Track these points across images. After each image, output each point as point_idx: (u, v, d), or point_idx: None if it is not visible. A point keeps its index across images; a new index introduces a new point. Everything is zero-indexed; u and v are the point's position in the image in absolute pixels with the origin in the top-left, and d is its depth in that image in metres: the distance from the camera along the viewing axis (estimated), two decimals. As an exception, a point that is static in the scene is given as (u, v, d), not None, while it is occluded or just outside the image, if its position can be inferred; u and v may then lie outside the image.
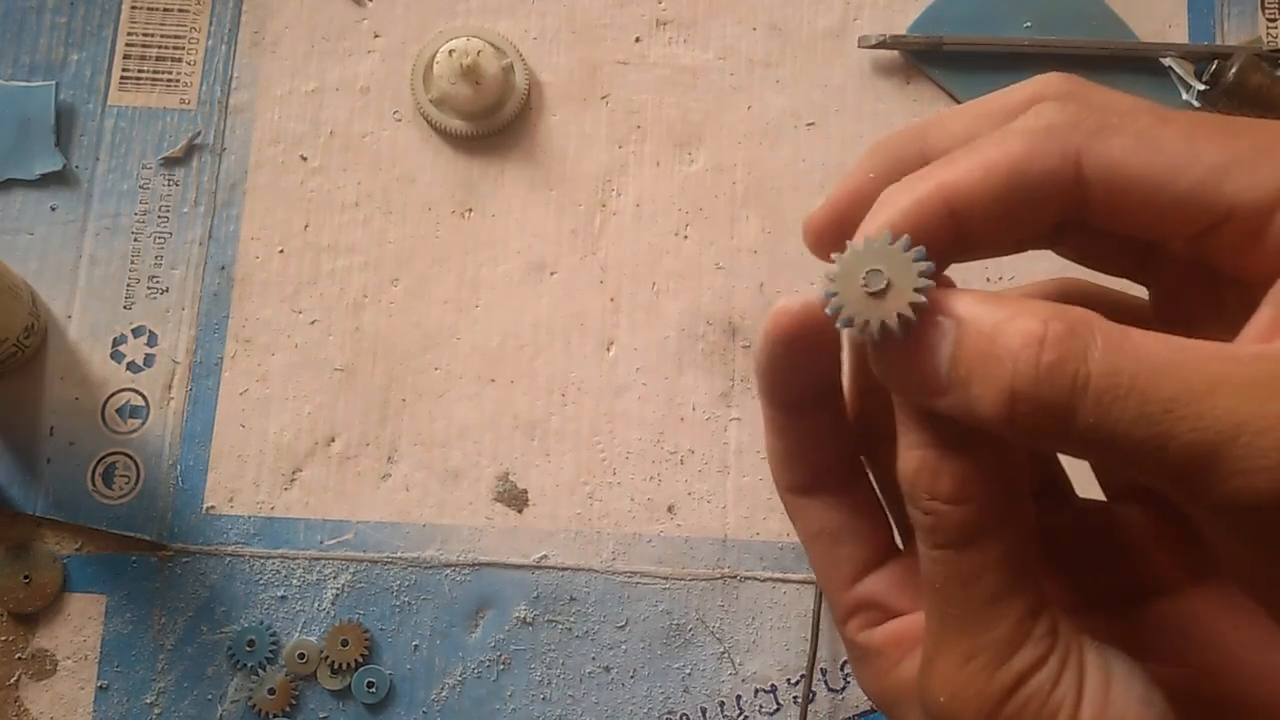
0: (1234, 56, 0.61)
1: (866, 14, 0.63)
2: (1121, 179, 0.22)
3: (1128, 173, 0.22)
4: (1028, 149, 0.22)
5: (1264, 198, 0.20)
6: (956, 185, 0.22)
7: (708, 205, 0.61)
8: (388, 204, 0.60)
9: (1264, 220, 0.21)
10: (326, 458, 0.57)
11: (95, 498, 0.56)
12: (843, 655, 0.56)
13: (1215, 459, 0.19)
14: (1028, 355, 0.20)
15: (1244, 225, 0.21)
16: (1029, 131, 0.23)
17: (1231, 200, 0.21)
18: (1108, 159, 0.22)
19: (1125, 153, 0.22)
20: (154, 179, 0.60)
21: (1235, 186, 0.21)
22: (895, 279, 0.22)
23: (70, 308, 0.58)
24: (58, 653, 0.55)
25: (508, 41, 0.61)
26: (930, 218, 0.23)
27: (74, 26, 0.61)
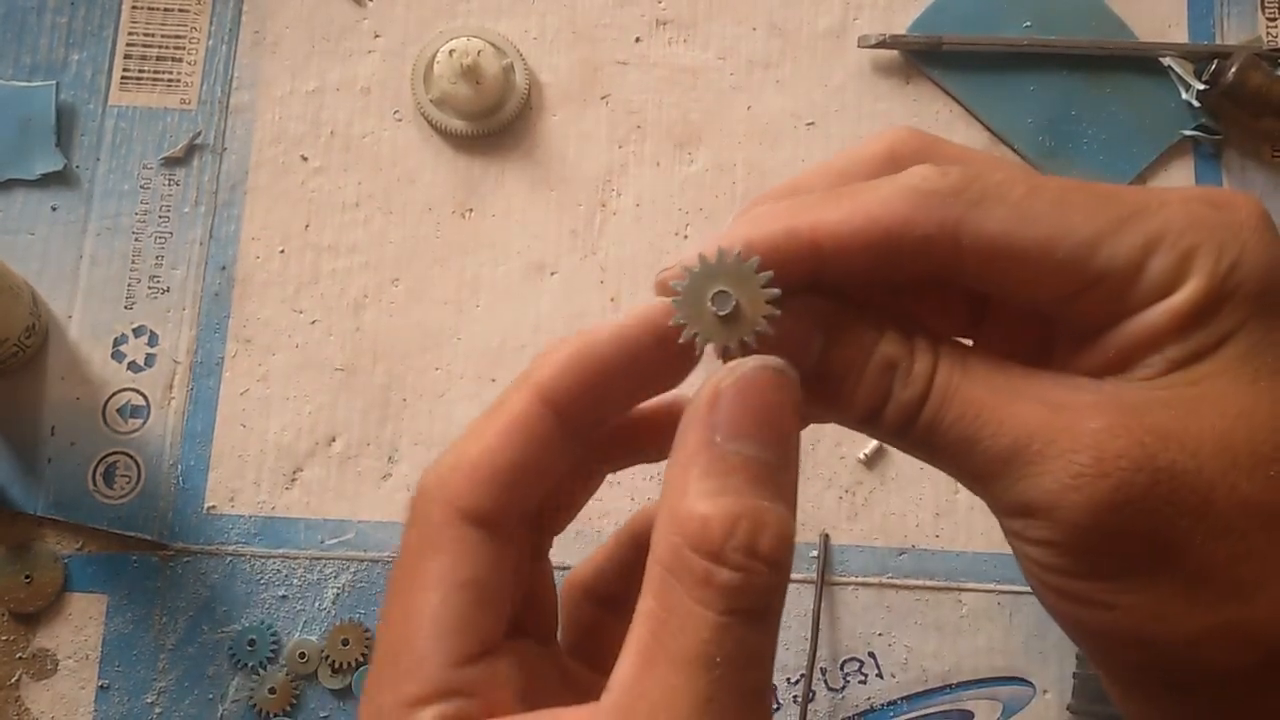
0: (1234, 56, 0.61)
1: (866, 14, 0.63)
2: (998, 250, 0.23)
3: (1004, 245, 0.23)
4: (910, 211, 0.23)
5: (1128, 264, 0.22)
6: (832, 228, 0.23)
7: (708, 205, 0.61)
8: (388, 204, 0.60)
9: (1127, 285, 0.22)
10: (327, 457, 0.57)
11: (96, 497, 0.56)
12: (843, 655, 0.56)
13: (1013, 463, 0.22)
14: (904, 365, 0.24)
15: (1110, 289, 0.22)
16: (912, 191, 0.23)
17: (1101, 269, 0.22)
18: (986, 231, 0.23)
19: (1003, 225, 0.23)
20: (155, 179, 0.60)
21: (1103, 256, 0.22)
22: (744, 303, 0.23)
23: (71, 308, 0.58)
24: (59, 652, 0.55)
25: (508, 41, 0.61)
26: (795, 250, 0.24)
27: (75, 27, 0.62)
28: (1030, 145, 0.61)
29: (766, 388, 0.22)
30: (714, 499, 0.21)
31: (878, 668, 0.56)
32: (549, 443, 0.24)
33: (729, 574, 0.21)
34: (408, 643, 0.23)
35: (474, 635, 0.23)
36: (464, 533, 0.24)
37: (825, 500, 0.57)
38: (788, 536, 0.21)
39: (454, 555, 0.23)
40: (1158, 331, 0.22)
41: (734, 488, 0.21)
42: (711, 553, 0.21)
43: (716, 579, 0.21)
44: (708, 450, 0.22)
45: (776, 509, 0.22)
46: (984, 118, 0.62)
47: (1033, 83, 0.62)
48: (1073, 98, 0.62)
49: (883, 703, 0.56)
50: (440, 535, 0.24)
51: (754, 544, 0.21)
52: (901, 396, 0.23)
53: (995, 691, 0.56)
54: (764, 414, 0.22)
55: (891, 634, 0.56)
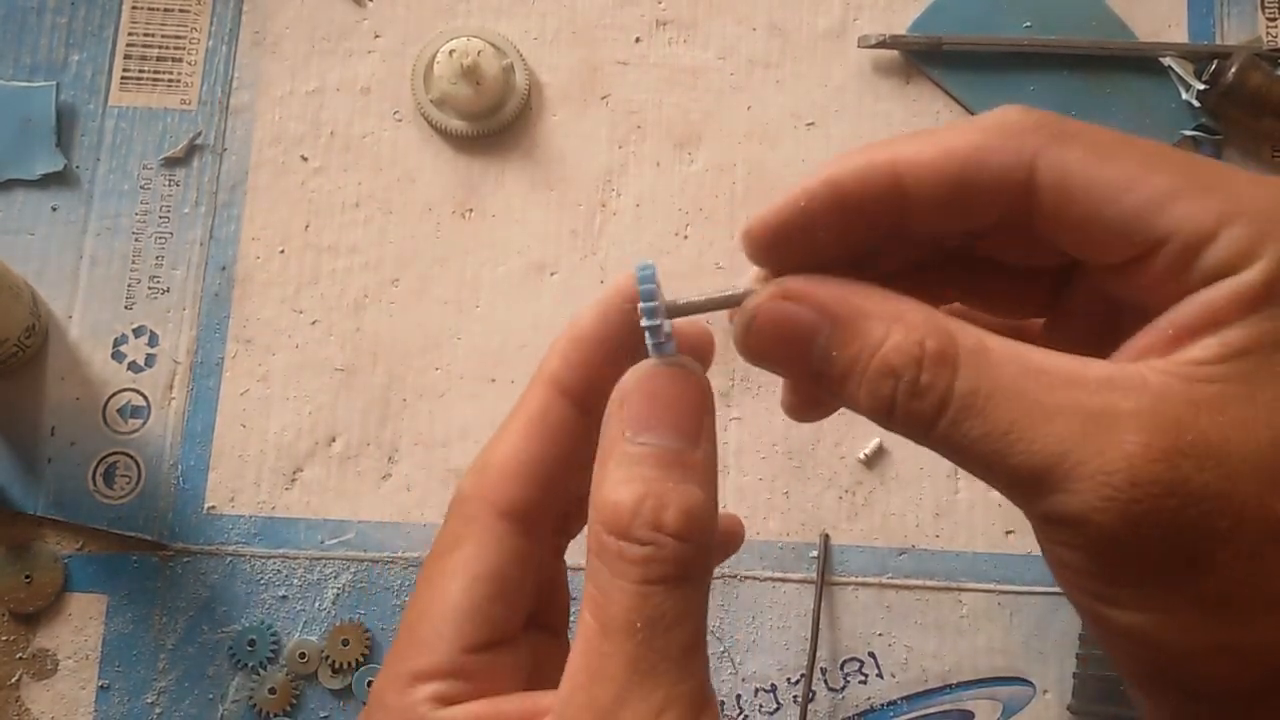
0: (1233, 56, 0.61)
1: (866, 14, 0.63)
2: (1071, 187, 0.22)
3: (1078, 182, 0.22)
4: (986, 141, 0.23)
5: (1200, 229, 0.21)
6: (911, 160, 0.24)
7: (708, 205, 0.61)
8: (388, 204, 0.60)
9: (1194, 252, 0.21)
10: (327, 458, 0.57)
11: (96, 497, 0.56)
12: (843, 655, 0.56)
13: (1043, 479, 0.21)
14: (908, 374, 0.22)
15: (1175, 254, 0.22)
16: (990, 127, 0.23)
17: (1170, 227, 0.22)
18: (1061, 165, 0.22)
19: (1078, 163, 0.22)
20: (155, 179, 0.60)
21: (1176, 214, 0.22)
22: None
23: (71, 308, 0.58)
24: (59, 652, 0.55)
25: (508, 42, 0.61)
26: (877, 183, 0.24)
27: (75, 27, 0.62)
28: (1030, 145, 0.61)
29: (666, 383, 0.24)
30: (624, 485, 0.23)
31: (878, 668, 0.56)
32: (571, 430, 0.26)
33: (637, 548, 0.23)
34: (424, 623, 0.25)
35: (488, 624, 0.25)
36: (494, 525, 0.25)
37: (825, 500, 0.57)
38: (694, 509, 0.23)
39: (481, 546, 0.25)
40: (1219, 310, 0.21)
41: (640, 475, 0.23)
42: (621, 531, 0.23)
43: (627, 554, 0.23)
44: (619, 445, 0.24)
45: (681, 487, 0.23)
46: (984, 118, 0.62)
47: (1033, 83, 0.62)
48: (1073, 98, 0.62)
49: (883, 703, 0.56)
50: (471, 527, 0.26)
51: (658, 520, 0.23)
52: (910, 406, 0.23)
53: (995, 691, 0.56)
54: (665, 407, 0.24)
55: (891, 634, 0.56)
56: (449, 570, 0.25)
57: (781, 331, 0.24)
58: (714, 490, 0.24)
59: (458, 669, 0.25)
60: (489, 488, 0.26)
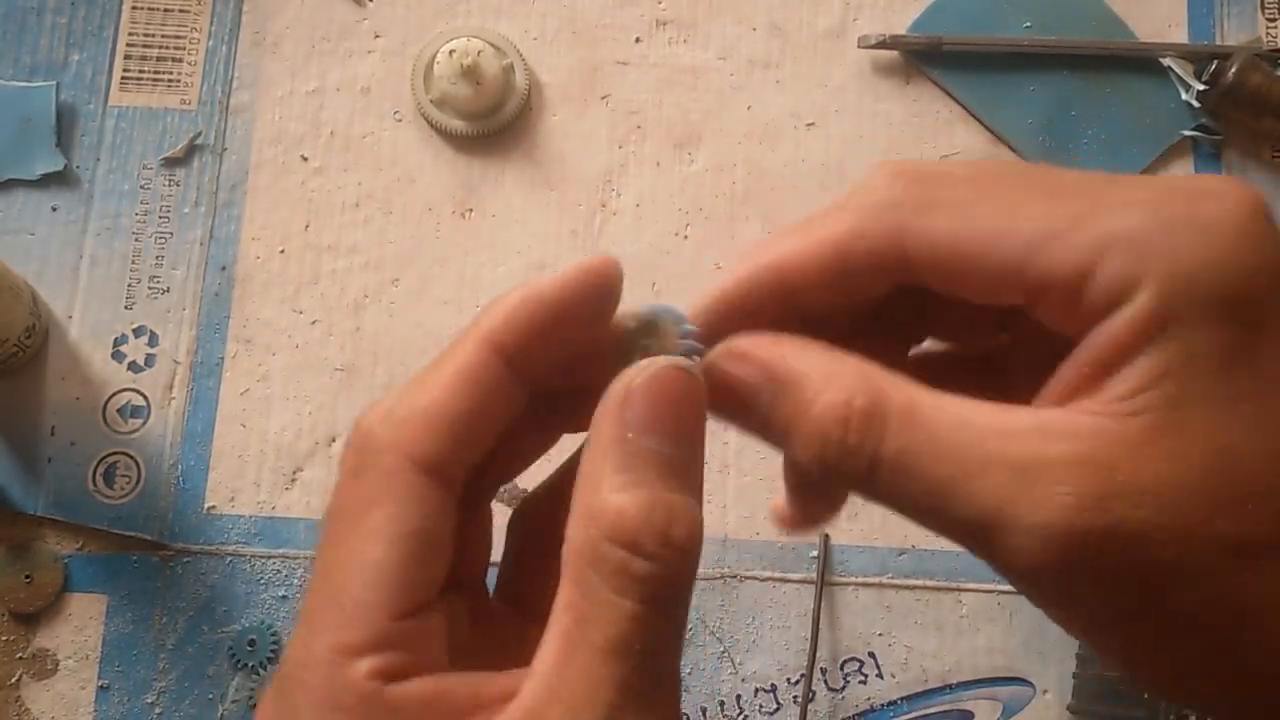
0: (1233, 56, 0.61)
1: (866, 14, 0.63)
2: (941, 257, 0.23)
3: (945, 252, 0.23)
4: (852, 227, 0.24)
5: (1074, 270, 0.21)
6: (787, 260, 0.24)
7: (708, 205, 0.61)
8: (388, 204, 0.60)
9: (1077, 291, 0.21)
10: (327, 458, 0.57)
11: (96, 497, 0.56)
12: (843, 655, 0.56)
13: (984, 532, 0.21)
14: (834, 434, 0.22)
15: (1061, 297, 0.22)
16: (856, 209, 0.24)
17: (1043, 273, 0.22)
18: (928, 238, 0.23)
19: (944, 232, 0.23)
20: (155, 179, 0.60)
21: (1050, 259, 0.22)
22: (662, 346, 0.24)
23: (71, 308, 0.58)
24: (59, 652, 0.55)
25: (508, 42, 0.61)
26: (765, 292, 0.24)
27: (75, 27, 0.61)
28: (1030, 145, 0.61)
29: (676, 386, 0.23)
30: (629, 491, 0.22)
31: (878, 668, 0.56)
32: (499, 391, 0.24)
33: (644, 564, 0.21)
34: (348, 590, 0.23)
35: (416, 587, 0.23)
36: (414, 481, 0.23)
37: (825, 500, 0.57)
38: (697, 527, 0.22)
39: (403, 504, 0.23)
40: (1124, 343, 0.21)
41: (646, 481, 0.22)
42: (628, 543, 0.22)
43: (633, 569, 0.21)
44: (621, 445, 0.22)
45: (686, 500, 0.22)
46: (984, 118, 0.62)
47: (1033, 83, 0.62)
48: (1073, 98, 0.62)
49: (883, 703, 0.56)
50: (390, 482, 0.23)
51: (668, 534, 0.22)
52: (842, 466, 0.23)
53: (995, 691, 0.56)
54: (673, 411, 0.23)
55: (891, 634, 0.56)
56: (368, 531, 0.23)
57: (729, 391, 0.24)
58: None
59: (392, 639, 0.22)
60: (411, 440, 0.23)
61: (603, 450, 0.23)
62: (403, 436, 0.23)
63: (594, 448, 0.23)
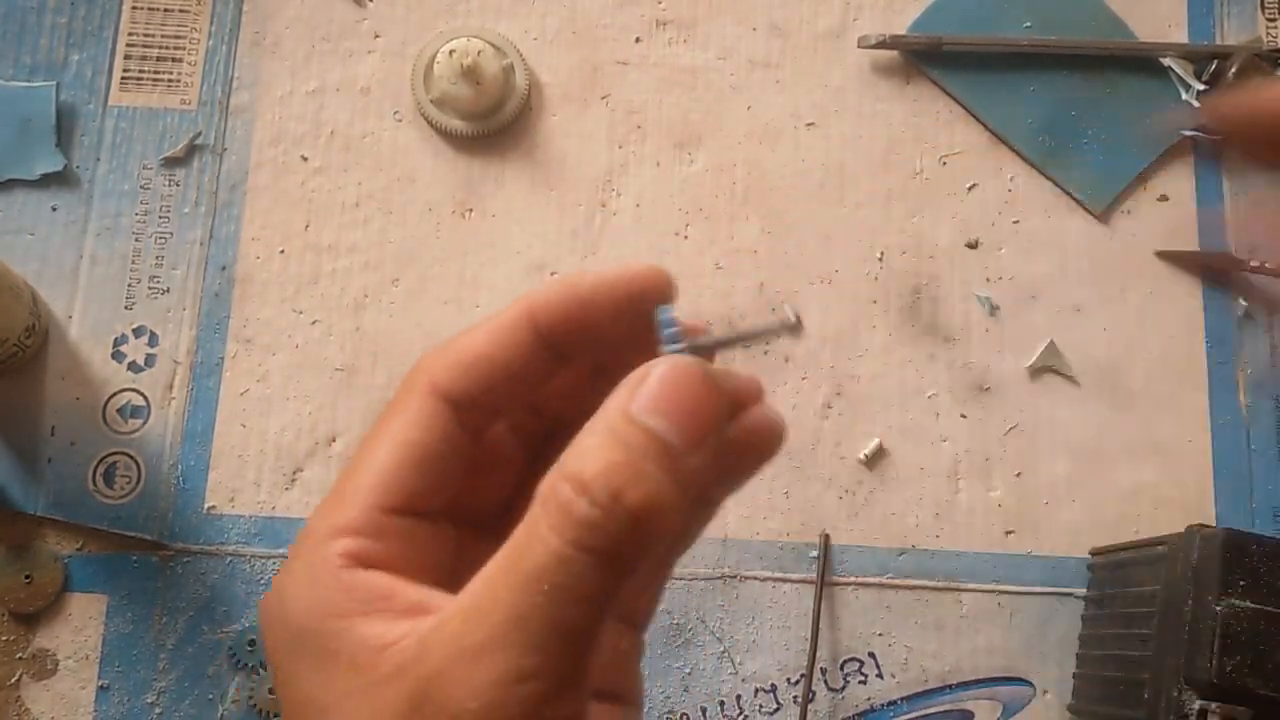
0: (1234, 56, 0.61)
1: (866, 14, 0.63)
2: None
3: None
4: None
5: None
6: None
7: (707, 205, 0.61)
8: (388, 204, 0.60)
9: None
10: (327, 458, 0.57)
11: (96, 497, 0.56)
12: (843, 655, 0.56)
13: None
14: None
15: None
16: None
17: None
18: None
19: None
20: (155, 179, 0.60)
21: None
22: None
23: (71, 308, 0.58)
24: (59, 652, 0.55)
25: (508, 42, 0.61)
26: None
27: (74, 27, 0.61)
28: (1030, 145, 0.61)
29: (690, 380, 0.24)
30: (603, 450, 0.23)
31: (878, 668, 0.56)
32: (527, 352, 0.27)
33: (586, 507, 0.22)
34: (351, 480, 0.26)
35: (406, 491, 0.25)
36: (427, 402, 0.26)
37: (825, 500, 0.57)
38: (662, 506, 0.22)
39: (414, 417, 0.26)
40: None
41: (624, 447, 0.23)
42: (578, 485, 0.22)
43: (573, 510, 0.22)
44: (620, 415, 0.23)
45: (660, 480, 0.23)
46: (984, 118, 0.62)
47: (1033, 83, 0.62)
48: (1073, 98, 0.62)
49: (883, 703, 0.56)
50: (410, 400, 0.26)
51: (621, 492, 0.22)
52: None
53: (995, 692, 0.56)
54: (679, 400, 0.24)
55: (891, 634, 0.56)
56: (380, 436, 0.26)
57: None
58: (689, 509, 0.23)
59: (372, 527, 0.25)
60: (438, 369, 0.26)
61: (603, 415, 0.24)
62: (434, 365, 0.27)
63: (598, 413, 0.24)
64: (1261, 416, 0.59)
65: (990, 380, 0.59)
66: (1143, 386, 0.59)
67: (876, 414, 0.58)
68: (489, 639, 0.22)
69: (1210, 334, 0.60)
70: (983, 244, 0.61)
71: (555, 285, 0.27)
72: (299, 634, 0.24)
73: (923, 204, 0.61)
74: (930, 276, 0.60)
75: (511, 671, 0.22)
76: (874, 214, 0.61)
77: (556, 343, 0.27)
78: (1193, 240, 0.61)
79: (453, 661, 0.22)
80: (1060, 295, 0.60)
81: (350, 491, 0.25)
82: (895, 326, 0.60)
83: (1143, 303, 0.60)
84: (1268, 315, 0.60)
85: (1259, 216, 0.60)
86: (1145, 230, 0.61)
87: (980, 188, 0.61)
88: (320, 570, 0.24)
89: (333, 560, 0.24)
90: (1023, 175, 0.61)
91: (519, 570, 0.22)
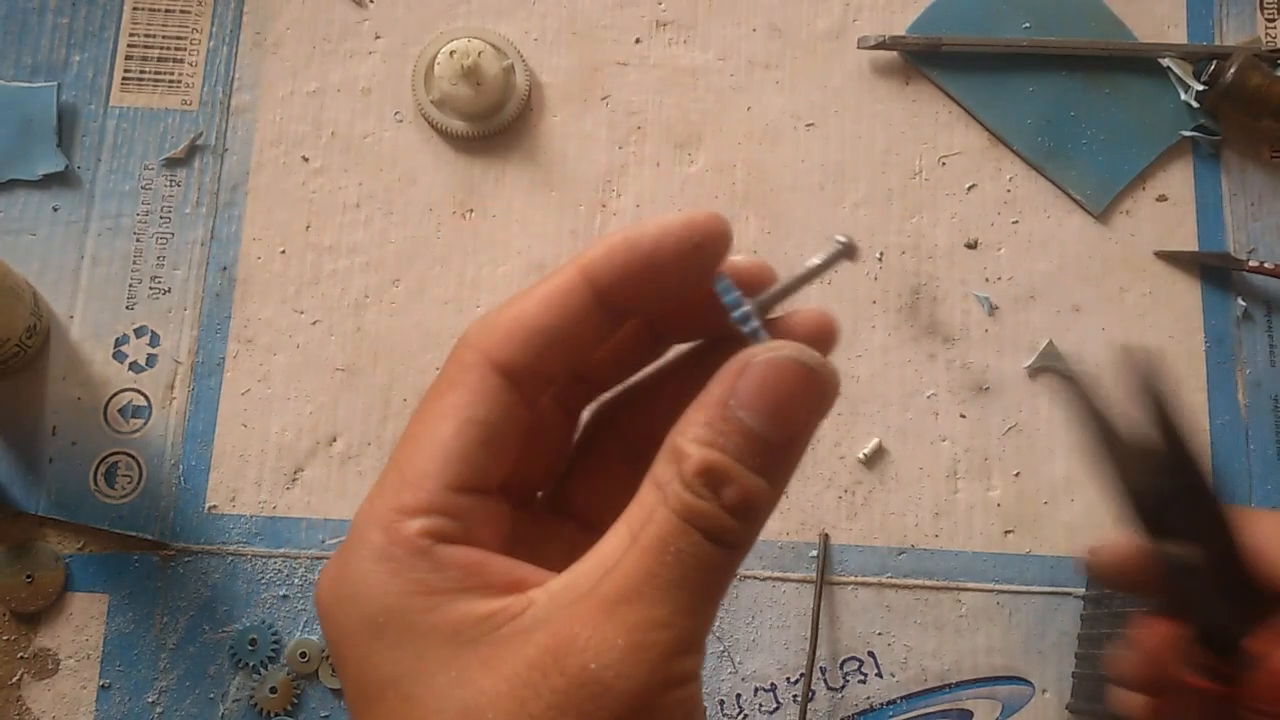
0: (1232, 57, 0.61)
1: (865, 15, 0.63)
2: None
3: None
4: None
5: None
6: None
7: (708, 205, 0.61)
8: (389, 205, 0.60)
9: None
10: (328, 457, 0.57)
11: (97, 497, 0.56)
12: (843, 655, 0.56)
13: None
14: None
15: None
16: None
17: None
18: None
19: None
20: (156, 179, 0.60)
21: None
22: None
23: (72, 308, 0.59)
24: (60, 652, 0.55)
25: (508, 43, 0.61)
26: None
27: (76, 27, 0.62)
28: (1029, 146, 0.62)
29: (790, 376, 0.24)
30: (703, 447, 0.24)
31: (877, 667, 0.56)
32: (585, 316, 0.26)
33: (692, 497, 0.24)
34: (413, 461, 0.25)
35: (474, 468, 0.25)
36: (487, 377, 0.26)
37: (824, 500, 0.58)
38: (757, 501, 0.24)
39: (473, 393, 0.26)
40: None
41: (722, 445, 0.24)
42: (685, 481, 0.24)
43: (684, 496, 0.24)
44: (719, 408, 0.24)
45: (752, 476, 0.24)
46: (983, 119, 0.62)
47: (1032, 83, 0.62)
48: (1072, 98, 0.62)
49: (882, 702, 0.56)
50: (466, 374, 0.26)
51: (719, 488, 0.24)
52: None
53: (994, 691, 0.56)
54: (778, 397, 0.24)
55: (891, 633, 0.56)
56: (441, 412, 0.26)
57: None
58: (781, 493, 0.25)
59: (446, 506, 0.25)
60: (492, 343, 0.26)
61: (703, 406, 0.24)
62: (485, 338, 0.26)
63: (699, 400, 0.25)
64: (1260, 416, 0.59)
65: (989, 380, 0.59)
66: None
67: (876, 414, 0.59)
68: (621, 594, 0.23)
69: (1209, 334, 0.60)
70: (982, 244, 0.61)
71: (614, 242, 0.26)
72: (376, 615, 0.24)
73: (922, 204, 0.61)
74: (930, 276, 0.60)
75: (645, 620, 0.23)
76: (873, 214, 0.61)
77: (615, 303, 0.26)
78: (1192, 240, 0.61)
79: (584, 620, 0.23)
80: (1059, 295, 0.60)
81: (415, 471, 0.25)
82: (895, 326, 0.60)
83: (1142, 302, 0.60)
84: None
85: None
86: (1144, 230, 0.61)
87: (979, 188, 0.61)
88: (400, 550, 0.24)
89: (413, 540, 0.24)
90: (1022, 175, 0.62)
91: (647, 534, 0.24)
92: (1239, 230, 0.61)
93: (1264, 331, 0.60)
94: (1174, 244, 0.61)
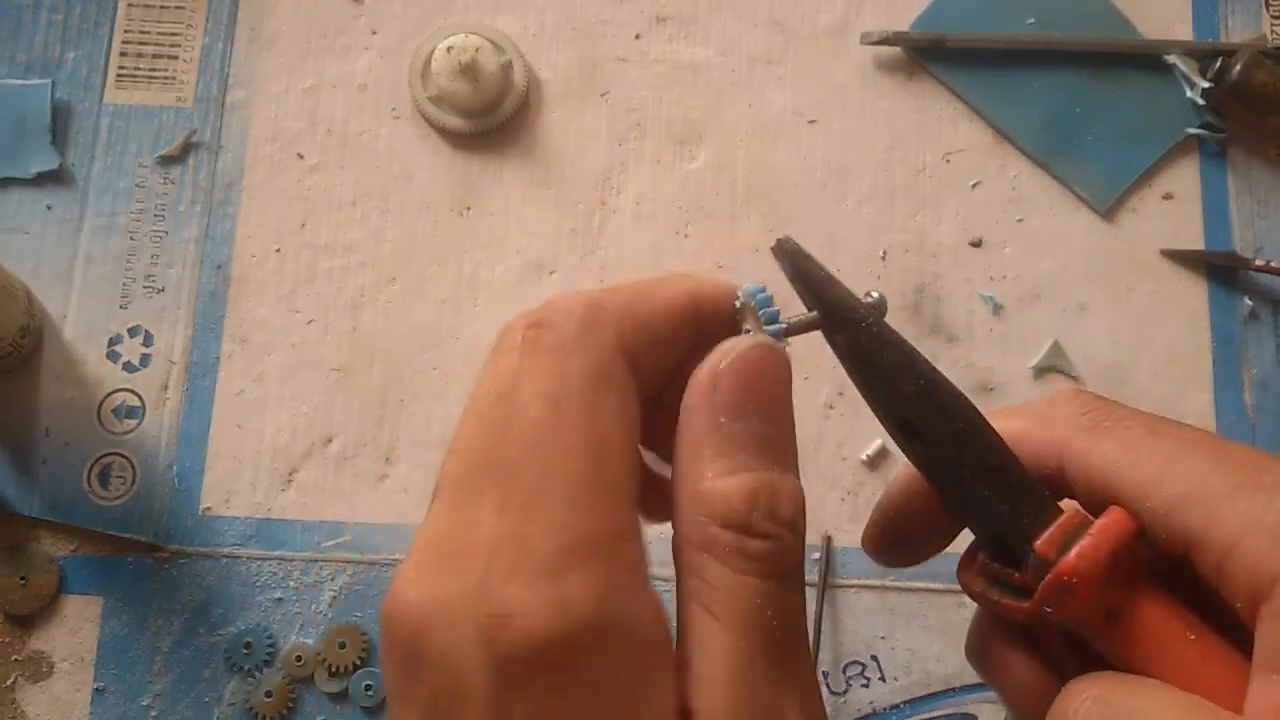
0: (1238, 54, 0.60)
1: (868, 10, 0.62)
2: (1093, 482, 0.24)
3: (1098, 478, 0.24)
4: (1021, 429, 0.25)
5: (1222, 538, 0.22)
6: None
7: (709, 203, 0.60)
8: (385, 202, 0.60)
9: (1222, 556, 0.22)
10: (324, 458, 0.57)
11: (91, 499, 0.56)
12: (846, 658, 0.56)
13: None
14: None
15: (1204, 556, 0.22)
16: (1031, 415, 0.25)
17: (1189, 533, 0.22)
18: (1085, 460, 0.24)
19: (1100, 459, 0.24)
20: (150, 177, 0.60)
21: (1194, 522, 0.22)
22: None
23: (66, 307, 0.58)
24: (54, 655, 0.55)
25: (506, 38, 0.61)
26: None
27: (70, 24, 0.61)
28: (1034, 143, 0.61)
29: (761, 366, 0.23)
30: (731, 477, 0.22)
31: (880, 671, 0.55)
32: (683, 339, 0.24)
33: (759, 543, 0.22)
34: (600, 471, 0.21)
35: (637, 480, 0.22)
36: (627, 372, 0.23)
37: (827, 502, 0.57)
38: (800, 501, 0.23)
39: (628, 393, 0.23)
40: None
41: (745, 464, 0.22)
42: (740, 525, 0.22)
43: (750, 549, 0.22)
44: (715, 432, 0.23)
45: (786, 478, 0.23)
46: (987, 115, 0.61)
47: (1036, 80, 0.62)
48: (1077, 95, 0.62)
49: (885, 706, 0.55)
50: (614, 368, 0.22)
51: (775, 511, 0.22)
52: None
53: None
54: (762, 391, 0.23)
55: (894, 637, 0.56)
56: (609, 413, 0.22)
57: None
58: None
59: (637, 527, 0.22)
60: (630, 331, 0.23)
61: (698, 439, 0.23)
62: (626, 324, 0.23)
63: (687, 435, 0.23)
64: (1267, 416, 0.59)
65: (994, 380, 0.59)
66: (1148, 386, 0.59)
67: (879, 414, 0.58)
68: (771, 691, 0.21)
69: (1216, 333, 0.59)
70: (986, 242, 0.60)
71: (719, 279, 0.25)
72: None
73: (926, 202, 0.60)
74: (933, 275, 0.60)
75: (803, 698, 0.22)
76: (877, 212, 0.60)
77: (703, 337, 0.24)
78: (1198, 239, 0.61)
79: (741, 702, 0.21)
80: (1065, 294, 0.59)
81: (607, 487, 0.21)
82: (898, 326, 0.59)
83: (1148, 302, 0.60)
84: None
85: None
86: (1150, 229, 0.61)
87: (984, 185, 0.61)
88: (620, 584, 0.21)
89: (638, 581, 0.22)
90: (1027, 173, 0.61)
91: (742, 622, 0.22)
92: (1246, 229, 0.61)
93: (1271, 331, 0.60)
94: (1180, 242, 0.60)
